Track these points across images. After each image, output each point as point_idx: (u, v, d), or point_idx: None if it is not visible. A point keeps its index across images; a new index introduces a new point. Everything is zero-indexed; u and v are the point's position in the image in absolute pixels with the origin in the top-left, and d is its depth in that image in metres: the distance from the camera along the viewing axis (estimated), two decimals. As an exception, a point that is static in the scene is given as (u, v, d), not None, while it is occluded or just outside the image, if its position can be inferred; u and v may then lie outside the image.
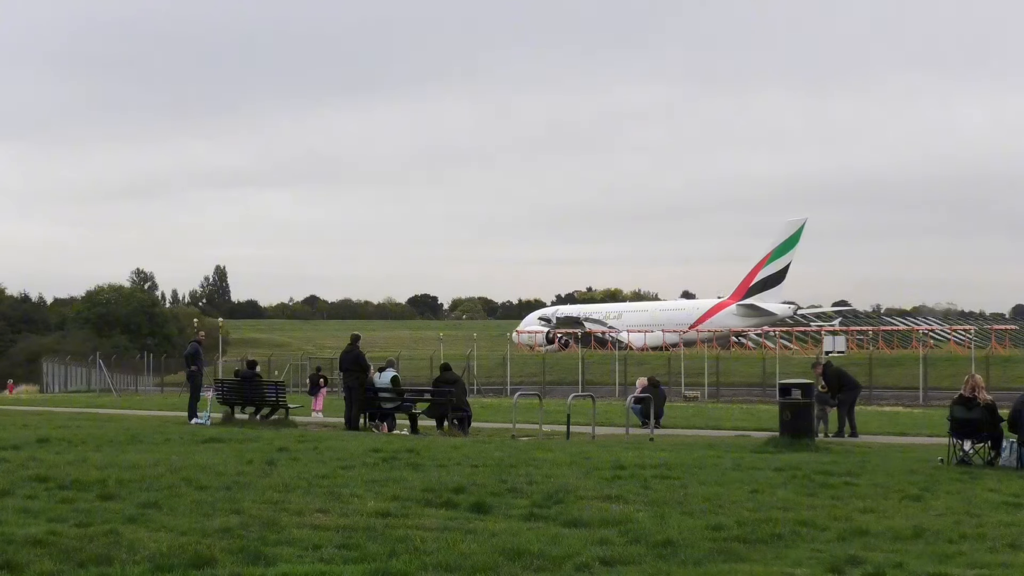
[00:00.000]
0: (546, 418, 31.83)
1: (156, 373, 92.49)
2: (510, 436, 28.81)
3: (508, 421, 33.68)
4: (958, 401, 22.16)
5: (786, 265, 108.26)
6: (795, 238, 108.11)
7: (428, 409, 31.93)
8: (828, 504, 15.42)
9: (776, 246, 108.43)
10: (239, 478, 16.96)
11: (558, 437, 28.75)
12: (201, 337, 36.42)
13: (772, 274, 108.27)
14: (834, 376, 32.01)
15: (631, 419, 31.34)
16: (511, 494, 15.70)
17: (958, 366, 66.53)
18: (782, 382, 26.96)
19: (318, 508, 14.16)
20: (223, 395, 34.45)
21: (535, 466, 19.17)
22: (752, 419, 38.62)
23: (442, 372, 32.62)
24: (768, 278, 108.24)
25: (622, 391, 66.04)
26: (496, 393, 71.96)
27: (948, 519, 14.29)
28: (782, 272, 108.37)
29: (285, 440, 24.21)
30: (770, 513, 14.38)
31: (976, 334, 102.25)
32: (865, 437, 30.27)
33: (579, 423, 32.20)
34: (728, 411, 46.40)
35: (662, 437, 29.18)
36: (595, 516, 13.83)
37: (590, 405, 33.55)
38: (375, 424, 31.57)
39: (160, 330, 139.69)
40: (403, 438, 27.27)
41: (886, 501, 15.84)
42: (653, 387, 36.54)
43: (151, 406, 50.88)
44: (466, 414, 31.23)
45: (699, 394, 65.50)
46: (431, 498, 15.11)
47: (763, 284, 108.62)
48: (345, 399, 32.71)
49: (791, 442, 24.68)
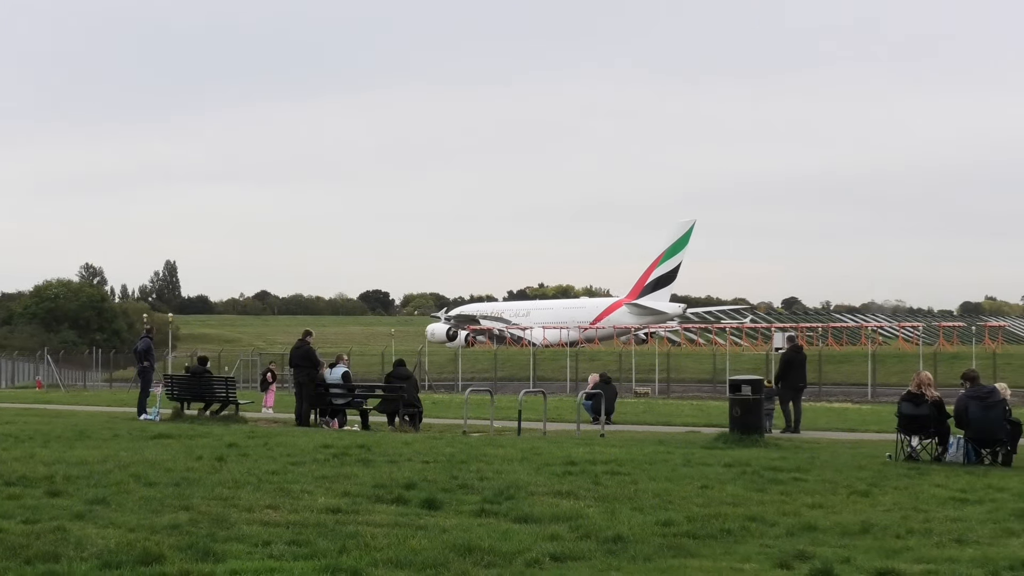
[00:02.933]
0: (497, 414, 31.84)
1: (105, 369, 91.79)
2: (461, 432, 28.80)
3: (459, 417, 33.66)
4: (906, 398, 22.34)
5: (677, 264, 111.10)
6: (685, 238, 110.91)
7: (379, 405, 31.88)
8: (777, 500, 15.52)
9: (668, 246, 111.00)
10: (188, 474, 16.88)
11: (509, 433, 28.76)
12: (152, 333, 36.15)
13: (665, 273, 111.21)
14: (783, 362, 32.03)
15: (582, 415, 31.38)
16: (462, 490, 15.71)
17: (906, 363, 67.21)
18: (732, 378, 27.05)
19: (268, 504, 14.11)
20: (173, 391, 34.23)
21: (486, 462, 19.19)
22: (702, 415, 38.77)
23: (394, 368, 32.55)
24: (661, 277, 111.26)
25: (574, 387, 66.18)
26: (448, 389, 71.91)
27: (896, 514, 14.41)
28: (674, 271, 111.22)
29: (235, 436, 24.12)
30: (720, 509, 14.45)
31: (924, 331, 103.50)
32: (813, 433, 30.45)
33: (530, 419, 32.22)
34: (679, 407, 46.55)
35: (613, 433, 29.25)
36: (546, 512, 13.85)
37: (541, 401, 33.59)
38: (325, 420, 31.47)
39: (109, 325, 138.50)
40: (354, 434, 27.21)
41: (834, 497, 15.96)
42: (605, 383, 36.57)
43: (99, 402, 50.44)
44: (417, 410, 31.19)
45: (650, 390, 65.71)
46: (382, 494, 15.10)
47: (656, 283, 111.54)
48: (296, 395, 32.58)
49: (741, 438, 24.80)
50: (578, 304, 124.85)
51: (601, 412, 31.65)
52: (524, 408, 30.75)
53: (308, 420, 31.29)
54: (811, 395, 59.95)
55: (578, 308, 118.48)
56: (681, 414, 40.31)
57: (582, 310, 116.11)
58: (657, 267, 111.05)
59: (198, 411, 33.26)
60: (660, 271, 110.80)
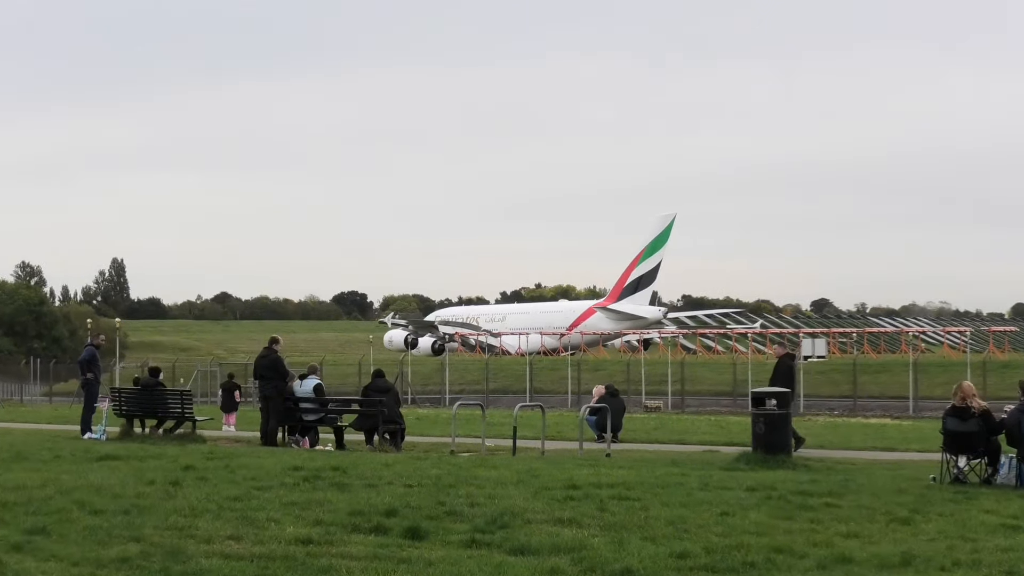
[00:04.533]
0: (490, 431, 31.80)
1: (44, 381, 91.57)
2: (449, 452, 28.79)
3: (446, 435, 33.65)
4: (951, 412, 22.34)
5: (657, 263, 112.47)
6: (665, 234, 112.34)
7: (356, 421, 31.86)
8: (807, 528, 15.52)
9: (647, 244, 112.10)
10: (139, 501, 16.85)
11: (503, 453, 28.74)
12: (100, 341, 36.11)
13: (645, 273, 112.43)
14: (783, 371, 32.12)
15: (585, 432, 31.38)
16: (450, 517, 15.70)
17: (952, 372, 67.07)
18: (755, 390, 27.04)
19: (230, 535, 14.09)
20: (121, 406, 34.17)
21: (477, 485, 19.16)
22: (722, 432, 38.79)
23: (373, 379, 32.53)
24: (641, 277, 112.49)
25: (575, 401, 66.18)
26: (433, 403, 71.82)
27: (940, 544, 14.41)
28: (654, 271, 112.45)
29: (192, 457, 24.07)
30: (741, 538, 14.44)
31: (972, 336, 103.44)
32: (848, 453, 30.47)
33: (527, 437, 32.18)
34: (695, 423, 46.58)
35: (620, 453, 29.24)
36: (545, 542, 13.84)
37: (539, 416, 33.57)
38: (295, 439, 31.44)
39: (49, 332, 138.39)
40: (327, 455, 27.17)
41: (871, 524, 15.96)
42: (611, 396, 36.62)
43: (39, 418, 50.38)
44: (399, 427, 31.18)
45: (662, 404, 65.64)
46: (359, 523, 15.08)
47: (636, 284, 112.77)
48: (261, 410, 32.54)
49: (765, 458, 24.78)
50: (555, 308, 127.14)
51: (607, 429, 31.66)
52: (520, 424, 30.72)
53: (275, 439, 31.26)
54: (845, 410, 60.19)
55: (555, 312, 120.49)
56: (697, 431, 40.32)
57: (559, 315, 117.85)
58: (636, 266, 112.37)
59: (149, 429, 33.19)
60: (639, 271, 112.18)
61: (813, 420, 48.64)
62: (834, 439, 36.33)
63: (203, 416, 35.29)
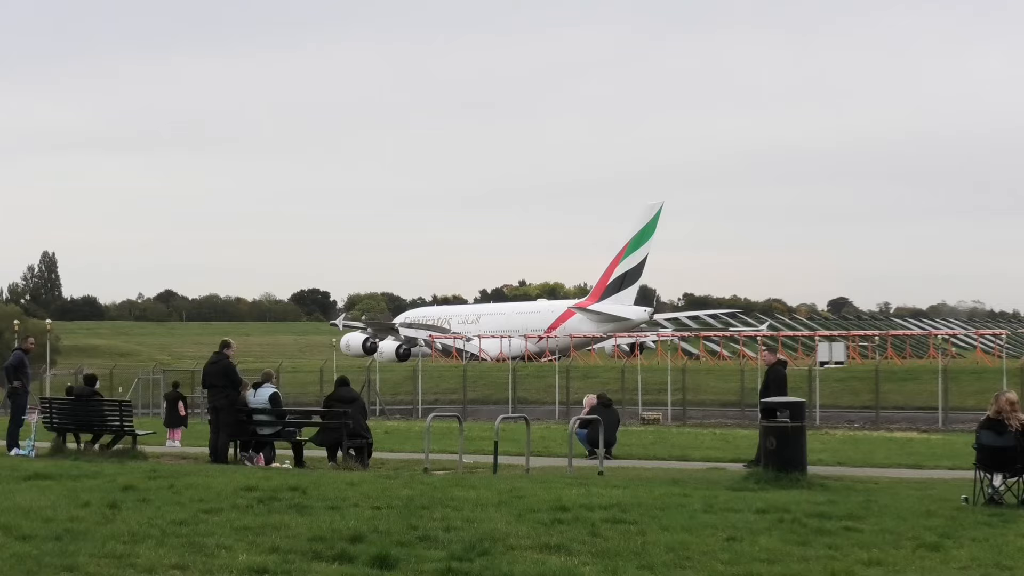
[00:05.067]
0: (468, 446, 31.80)
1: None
2: (422, 469, 28.79)
3: (419, 450, 33.65)
4: (985, 425, 22.38)
5: (643, 258, 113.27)
6: (652, 226, 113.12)
7: (317, 436, 31.80)
8: (824, 555, 15.54)
9: (632, 236, 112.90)
10: (73, 525, 16.80)
11: (483, 471, 28.73)
12: (29, 345, 35.97)
13: (630, 269, 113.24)
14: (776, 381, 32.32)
15: (575, 447, 31.36)
16: (423, 543, 15.69)
17: (986, 380, 67.30)
18: (765, 400, 27.08)
19: (174, 563, 14.06)
20: (52, 419, 34.08)
21: (454, 507, 19.16)
22: (728, 447, 38.86)
23: (336, 388, 32.48)
24: (626, 274, 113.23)
25: (564, 412, 66.24)
26: (404, 415, 71.87)
27: (973, 573, 14.45)
28: (640, 267, 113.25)
29: (132, 476, 24.03)
30: (751, 567, 14.46)
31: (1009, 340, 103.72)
32: (870, 471, 30.54)
33: (510, 453, 32.19)
34: (698, 437, 46.65)
35: (614, 470, 29.25)
36: (530, 571, 13.84)
37: (524, 429, 33.56)
38: (248, 456, 31.40)
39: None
40: (285, 473, 27.15)
41: (897, 551, 15.99)
42: (603, 407, 36.59)
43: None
44: (366, 442, 31.14)
45: (661, 415, 65.77)
46: (321, 549, 15.06)
47: (621, 281, 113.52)
48: (210, 423, 32.49)
49: (777, 476, 24.81)
50: (533, 308, 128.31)
51: (599, 443, 31.65)
52: (501, 438, 30.72)
53: (226, 455, 31.21)
54: (867, 422, 60.31)
55: (532, 313, 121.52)
56: (701, 446, 40.38)
57: (536, 316, 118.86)
58: (620, 262, 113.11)
59: (84, 445, 33.13)
60: (624, 266, 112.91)
61: (831, 434, 48.71)
62: (854, 455, 36.40)
63: (145, 430, 35.22)
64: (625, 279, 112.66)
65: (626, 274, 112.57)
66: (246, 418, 31.70)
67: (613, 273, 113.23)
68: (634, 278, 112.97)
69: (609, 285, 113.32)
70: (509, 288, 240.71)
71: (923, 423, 60.30)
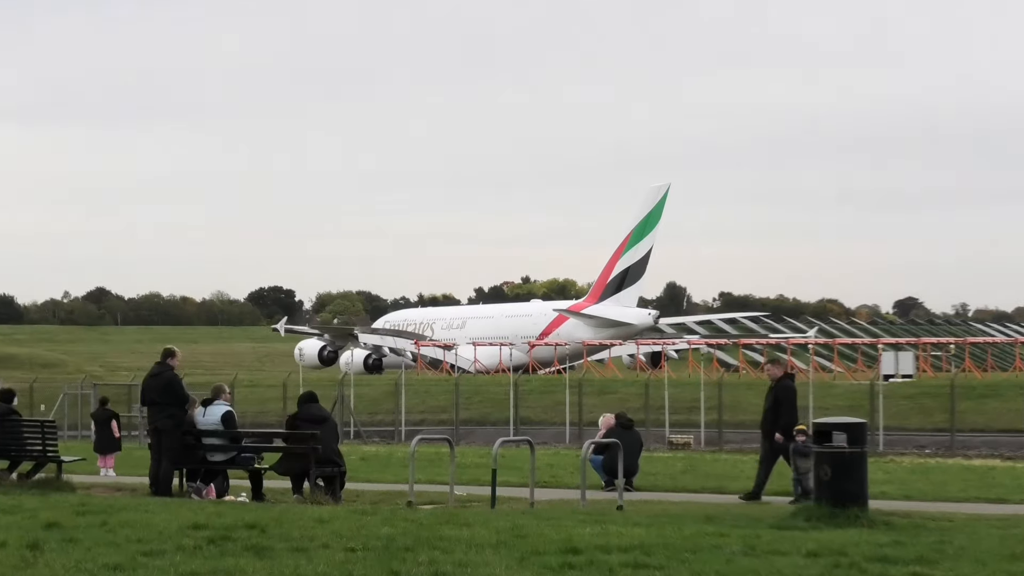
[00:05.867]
0: (461, 475, 31.81)
1: None
2: (405, 503, 28.81)
3: (402, 480, 33.66)
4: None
5: (647, 251, 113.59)
6: (657, 213, 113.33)
7: (280, 463, 31.81)
8: (888, 607, 15.52)
9: (636, 224, 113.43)
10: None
11: (478, 505, 28.75)
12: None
13: (632, 264, 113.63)
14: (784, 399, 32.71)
15: (590, 477, 31.37)
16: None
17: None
18: (819, 421, 27.07)
19: (108, 616, 14.04)
20: (-39, 442, 34.13)
21: (443, 549, 19.13)
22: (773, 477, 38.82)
23: (302, 406, 32.46)
24: (628, 270, 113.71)
25: (575, 434, 66.14)
26: (384, 437, 71.85)
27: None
28: (643, 261, 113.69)
29: (57, 511, 24.00)
30: (800, 621, 14.44)
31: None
32: (943, 505, 30.52)
33: (510, 483, 32.21)
34: (736, 465, 46.60)
35: (636, 504, 29.25)
36: (535, 626, 13.82)
37: (527, 455, 33.56)
38: (196, 487, 31.41)
39: None
40: (240, 507, 27.15)
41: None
42: (623, 428, 36.61)
43: None
44: (338, 470, 31.16)
45: (692, 439, 65.70)
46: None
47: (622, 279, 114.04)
48: (151, 448, 32.48)
49: (832, 512, 24.80)
50: (524, 311, 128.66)
51: (618, 472, 31.65)
52: (501, 466, 30.73)
53: (170, 486, 31.22)
54: (940, 447, 60.22)
55: (524, 317, 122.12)
56: (740, 475, 40.36)
57: (528, 319, 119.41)
58: (621, 255, 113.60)
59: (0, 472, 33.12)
60: (625, 261, 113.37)
61: (896, 461, 48.67)
62: (924, 487, 36.41)
63: (72, 456, 35.22)
64: (627, 276, 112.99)
65: (628, 270, 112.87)
66: (194, 441, 31.71)
67: (614, 269, 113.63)
68: (637, 275, 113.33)
69: (609, 283, 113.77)
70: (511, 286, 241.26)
71: (1007, 448, 60.19)
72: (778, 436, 32.70)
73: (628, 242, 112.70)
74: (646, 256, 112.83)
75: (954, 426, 63.44)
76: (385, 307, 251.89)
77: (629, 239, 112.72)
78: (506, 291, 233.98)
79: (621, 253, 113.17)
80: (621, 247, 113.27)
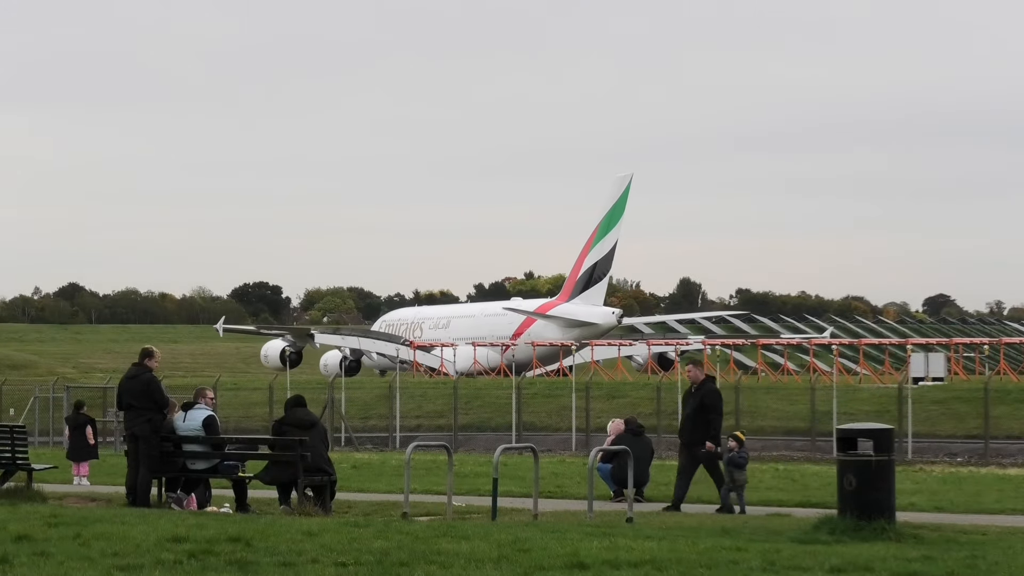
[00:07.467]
0: (459, 484, 31.82)
1: None
2: (400, 515, 28.81)
3: (397, 490, 33.65)
4: None
5: (612, 246, 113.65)
6: (620, 206, 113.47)
7: (265, 472, 31.81)
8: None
9: (602, 218, 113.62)
10: (-50, 586, 16.80)
11: (478, 516, 28.76)
12: None
13: (599, 260, 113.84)
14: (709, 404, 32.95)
15: (597, 486, 31.39)
16: (401, 611, 15.69)
17: None
18: (843, 427, 27.08)
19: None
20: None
21: (440, 564, 19.15)
22: (794, 487, 38.90)
23: (289, 410, 32.46)
24: (596, 266, 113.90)
25: (582, 441, 66.20)
26: (378, 444, 71.88)
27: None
28: (608, 256, 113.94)
29: (27, 523, 24.03)
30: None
31: None
32: (978, 518, 30.51)
33: (512, 494, 32.22)
34: (756, 474, 46.55)
35: (647, 516, 29.27)
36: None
37: (530, 463, 33.56)
38: (176, 496, 31.41)
39: None
40: (223, 519, 27.16)
41: (1011, 621, 15.97)
42: (633, 435, 36.63)
43: None
44: (328, 478, 31.16)
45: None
46: (269, 618, 15.05)
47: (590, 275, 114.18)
48: (127, 455, 32.47)
49: (858, 525, 24.80)
50: (501, 310, 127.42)
51: (627, 482, 31.67)
52: (502, 475, 30.75)
53: (148, 496, 31.22)
54: (973, 455, 60.25)
55: (499, 316, 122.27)
56: (759, 485, 40.36)
57: (503, 319, 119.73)
58: (590, 250, 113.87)
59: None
60: (593, 257, 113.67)
61: (926, 470, 48.71)
62: (957, 497, 36.41)
63: (43, 464, 35.22)
64: (595, 272, 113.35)
65: (595, 266, 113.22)
66: (174, 448, 31.70)
67: (582, 265, 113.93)
68: (604, 271, 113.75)
69: (579, 280, 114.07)
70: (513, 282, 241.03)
71: (1045, 457, 60.27)
72: (709, 445, 33.05)
73: (595, 236, 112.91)
74: (611, 251, 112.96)
75: (988, 433, 63.44)
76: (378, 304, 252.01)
77: (596, 233, 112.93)
78: (508, 287, 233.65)
79: (589, 248, 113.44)
80: (589, 242, 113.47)
